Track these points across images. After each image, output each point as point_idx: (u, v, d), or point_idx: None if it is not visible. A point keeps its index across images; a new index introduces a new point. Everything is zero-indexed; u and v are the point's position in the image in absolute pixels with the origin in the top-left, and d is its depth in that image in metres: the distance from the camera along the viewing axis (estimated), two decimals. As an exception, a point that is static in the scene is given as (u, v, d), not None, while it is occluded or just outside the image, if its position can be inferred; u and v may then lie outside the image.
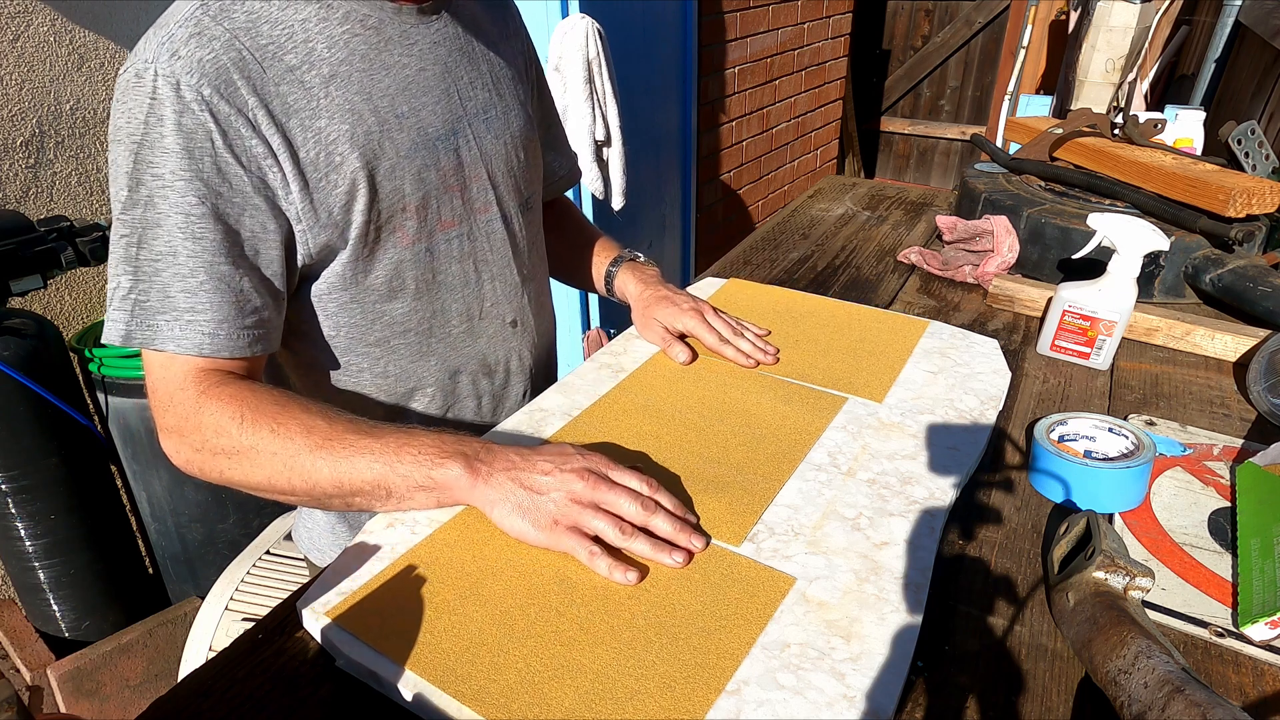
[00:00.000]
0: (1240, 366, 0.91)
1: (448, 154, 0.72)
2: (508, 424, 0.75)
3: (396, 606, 0.54)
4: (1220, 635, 0.55)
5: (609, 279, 0.97)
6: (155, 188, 0.59)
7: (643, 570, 0.57)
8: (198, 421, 0.62)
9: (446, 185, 0.72)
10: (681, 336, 0.88)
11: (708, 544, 0.60)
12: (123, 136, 0.59)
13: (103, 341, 0.63)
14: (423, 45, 0.70)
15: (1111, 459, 0.67)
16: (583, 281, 1.01)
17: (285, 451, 0.61)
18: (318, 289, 0.71)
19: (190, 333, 0.62)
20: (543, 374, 0.91)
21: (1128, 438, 0.70)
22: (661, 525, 0.58)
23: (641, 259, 0.99)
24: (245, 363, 0.66)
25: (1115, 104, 3.08)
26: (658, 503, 0.60)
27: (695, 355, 0.86)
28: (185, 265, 0.61)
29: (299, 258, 0.68)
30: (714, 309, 0.89)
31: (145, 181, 0.59)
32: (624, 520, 0.58)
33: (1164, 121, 1.30)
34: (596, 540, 0.57)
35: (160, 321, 0.61)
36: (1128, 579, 0.54)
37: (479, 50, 0.75)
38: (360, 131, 0.65)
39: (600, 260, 0.98)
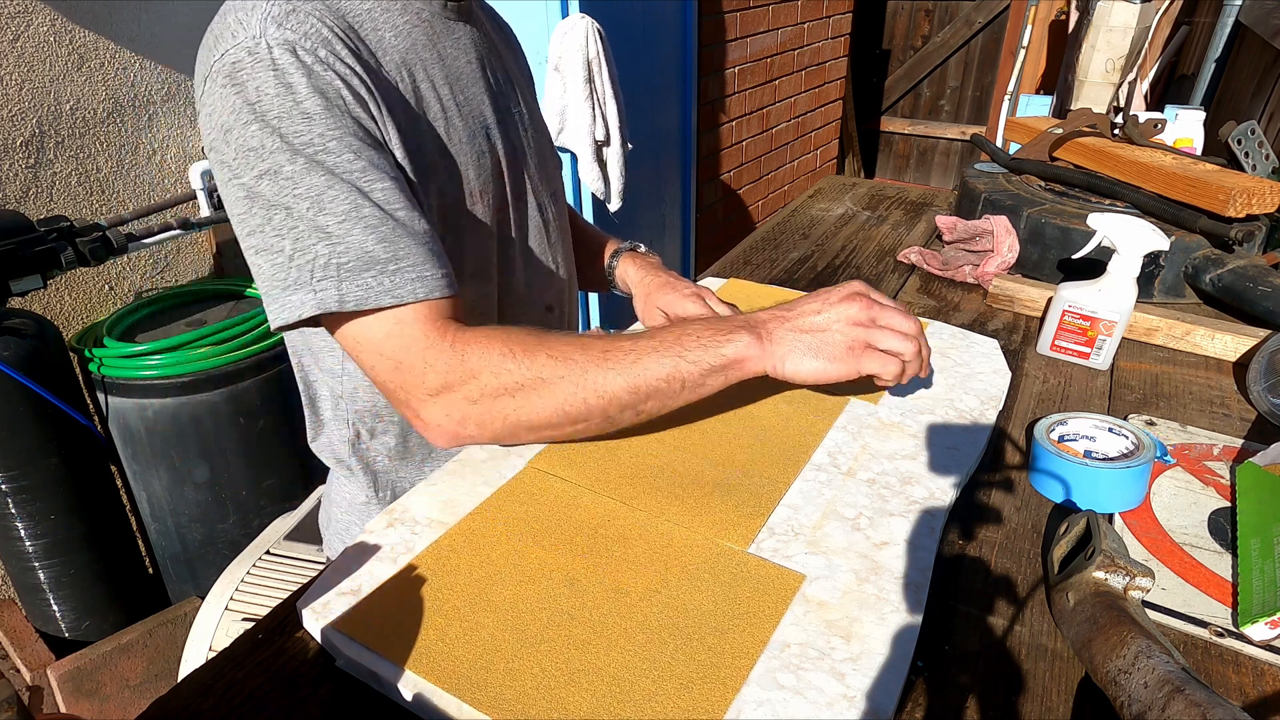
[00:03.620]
0: (1240, 366, 0.91)
1: (494, 142, 0.75)
2: (508, 424, 0.75)
3: (401, 612, 0.54)
4: (1220, 635, 0.55)
5: (610, 271, 0.98)
6: (311, 154, 0.58)
7: None
8: (468, 368, 0.61)
9: (496, 172, 0.75)
10: None
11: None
12: (256, 115, 0.58)
13: (310, 315, 0.59)
14: (465, 42, 0.73)
15: (1112, 459, 0.67)
16: (585, 278, 1.02)
17: (572, 373, 0.61)
18: None
19: (401, 280, 0.60)
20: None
21: (1128, 438, 0.70)
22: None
23: (642, 249, 1.00)
24: (452, 303, 0.64)
25: (1115, 104, 3.08)
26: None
27: None
28: (370, 217, 0.60)
29: None
30: (715, 295, 0.89)
31: (299, 149, 0.58)
32: (903, 332, 0.64)
33: (1164, 121, 1.30)
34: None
35: (368, 279, 0.59)
36: (1128, 579, 0.54)
37: (498, 58, 0.80)
38: (431, 116, 0.68)
39: (601, 253, 0.99)
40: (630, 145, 2.08)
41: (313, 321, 0.63)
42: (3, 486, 1.45)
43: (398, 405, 0.65)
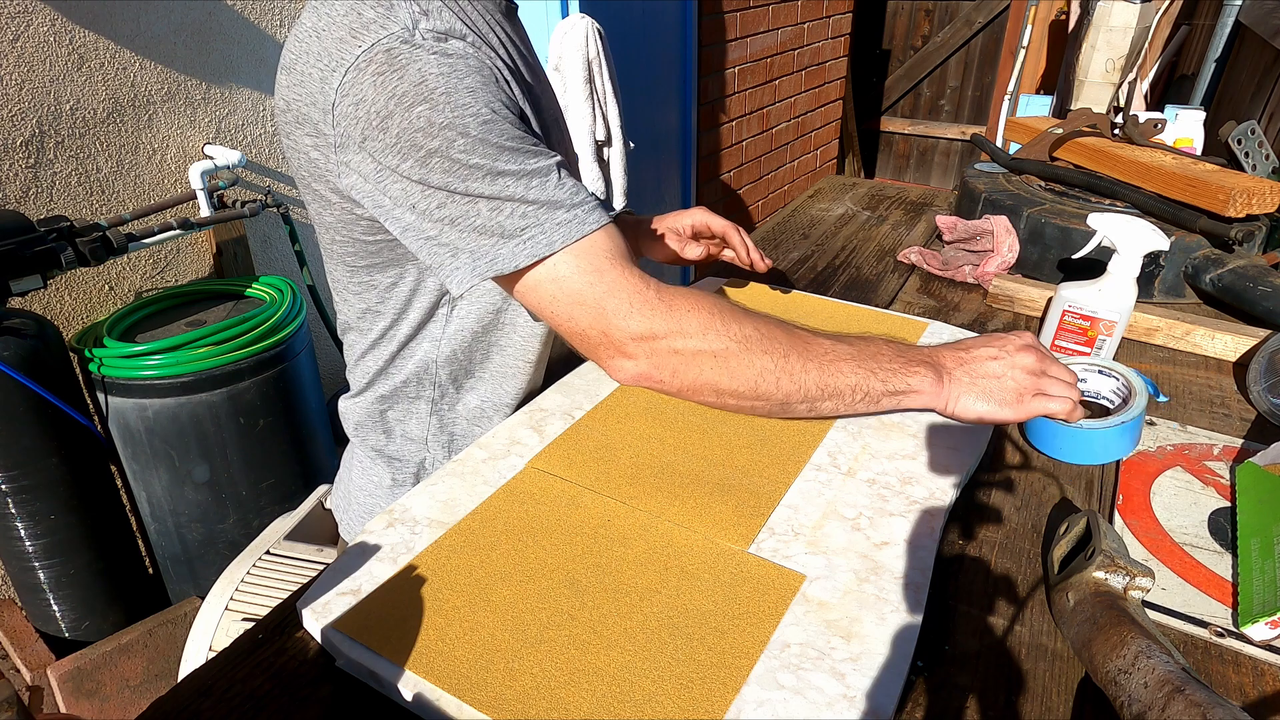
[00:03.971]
0: (1240, 366, 0.91)
1: (565, 129, 0.80)
2: (508, 423, 0.75)
3: (401, 612, 0.54)
4: (1220, 635, 0.55)
5: None
6: (479, 125, 0.61)
7: None
8: (677, 320, 0.64)
9: (573, 158, 0.81)
10: (695, 239, 0.93)
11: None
12: (419, 98, 0.59)
13: (527, 263, 0.63)
14: (527, 40, 0.78)
15: (1108, 409, 0.69)
16: None
17: (776, 352, 0.64)
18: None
19: (589, 210, 0.64)
20: (564, 359, 0.95)
21: (1118, 379, 0.71)
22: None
23: (633, 213, 1.01)
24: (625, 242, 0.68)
25: (1115, 104, 3.08)
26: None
27: (709, 254, 0.90)
28: (540, 169, 0.63)
29: None
30: (710, 211, 0.94)
31: (469, 123, 0.60)
32: (1068, 383, 0.69)
33: (1164, 121, 1.30)
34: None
35: (561, 215, 0.63)
36: (1128, 579, 0.54)
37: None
38: (537, 112, 0.71)
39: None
40: (632, 145, 2.08)
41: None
42: (3, 486, 1.45)
43: (592, 349, 0.67)
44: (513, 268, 0.63)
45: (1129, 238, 0.86)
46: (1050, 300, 0.92)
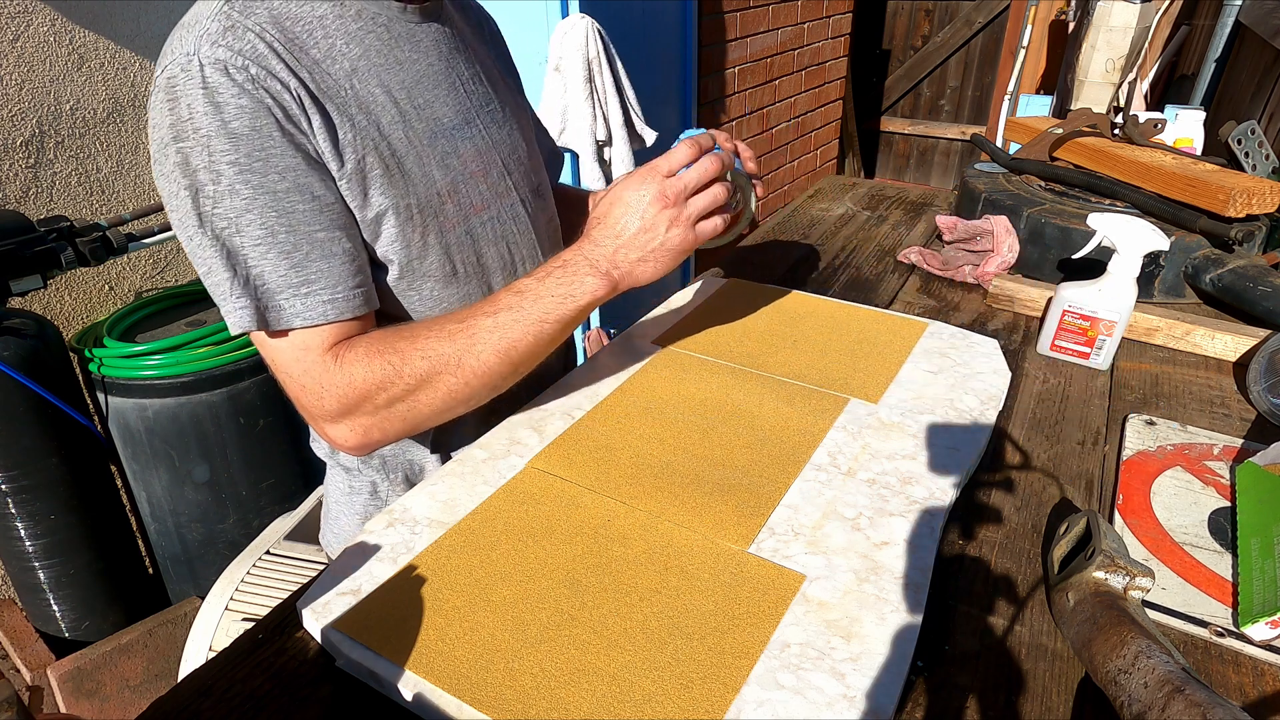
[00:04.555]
0: (1240, 366, 0.91)
1: (464, 142, 0.75)
2: (507, 424, 0.75)
3: (401, 612, 0.54)
4: (1220, 635, 0.55)
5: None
6: (234, 175, 0.59)
7: None
8: (361, 387, 0.64)
9: (469, 171, 0.75)
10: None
11: None
12: (186, 134, 0.59)
13: (233, 333, 0.63)
14: (426, 43, 0.72)
15: None
16: (579, 230, 1.02)
17: (449, 364, 0.66)
18: (381, 277, 0.73)
19: (312, 303, 0.63)
20: (562, 359, 0.95)
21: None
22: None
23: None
24: (361, 323, 0.68)
25: (1115, 104, 3.08)
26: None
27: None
28: (287, 241, 0.62)
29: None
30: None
31: (223, 171, 0.59)
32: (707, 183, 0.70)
33: (1164, 121, 1.29)
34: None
35: (282, 301, 0.63)
36: (1128, 579, 0.54)
37: (470, 51, 0.78)
38: (384, 121, 0.68)
39: (585, 199, 0.99)
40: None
41: None
42: (3, 486, 1.45)
43: (308, 420, 0.69)
44: (235, 331, 0.63)
45: (1129, 238, 0.86)
46: (1050, 300, 0.92)
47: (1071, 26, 3.43)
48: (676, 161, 0.70)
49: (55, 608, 1.60)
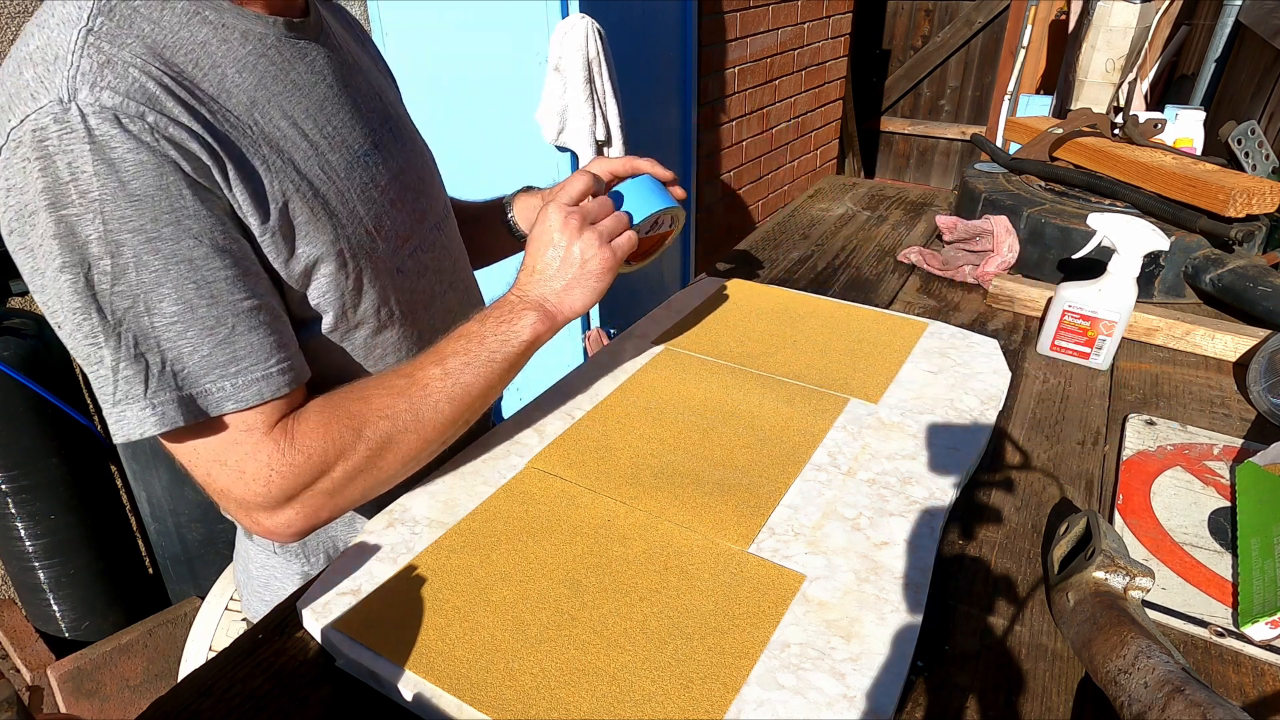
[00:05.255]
0: (1240, 366, 0.91)
1: (377, 168, 0.67)
2: (506, 424, 0.75)
3: (401, 612, 0.54)
4: (1220, 635, 0.55)
5: (509, 219, 0.91)
6: (139, 244, 0.50)
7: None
8: (319, 461, 0.57)
9: (389, 200, 0.68)
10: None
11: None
12: (68, 199, 0.48)
13: (139, 436, 0.52)
14: (320, 63, 0.64)
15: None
16: (494, 247, 0.95)
17: (408, 424, 0.62)
18: (312, 330, 0.65)
19: (243, 381, 0.54)
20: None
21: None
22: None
23: (537, 187, 0.95)
24: (293, 397, 0.59)
25: (1115, 104, 3.08)
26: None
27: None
28: (209, 315, 0.53)
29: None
30: (602, 161, 0.83)
31: (125, 241, 0.49)
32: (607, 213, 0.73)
33: (1164, 121, 1.29)
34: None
35: (209, 385, 0.53)
36: (1128, 579, 0.54)
37: (359, 70, 0.70)
38: (299, 158, 0.59)
39: (496, 212, 0.92)
40: (628, 147, 2.07)
41: None
42: (3, 486, 1.45)
43: (238, 512, 0.59)
44: (140, 435, 0.53)
45: (1129, 238, 0.86)
46: (1050, 300, 0.92)
47: (1071, 26, 3.43)
48: (576, 191, 0.71)
49: (55, 608, 1.60)
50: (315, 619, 0.54)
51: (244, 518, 0.59)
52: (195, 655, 1.43)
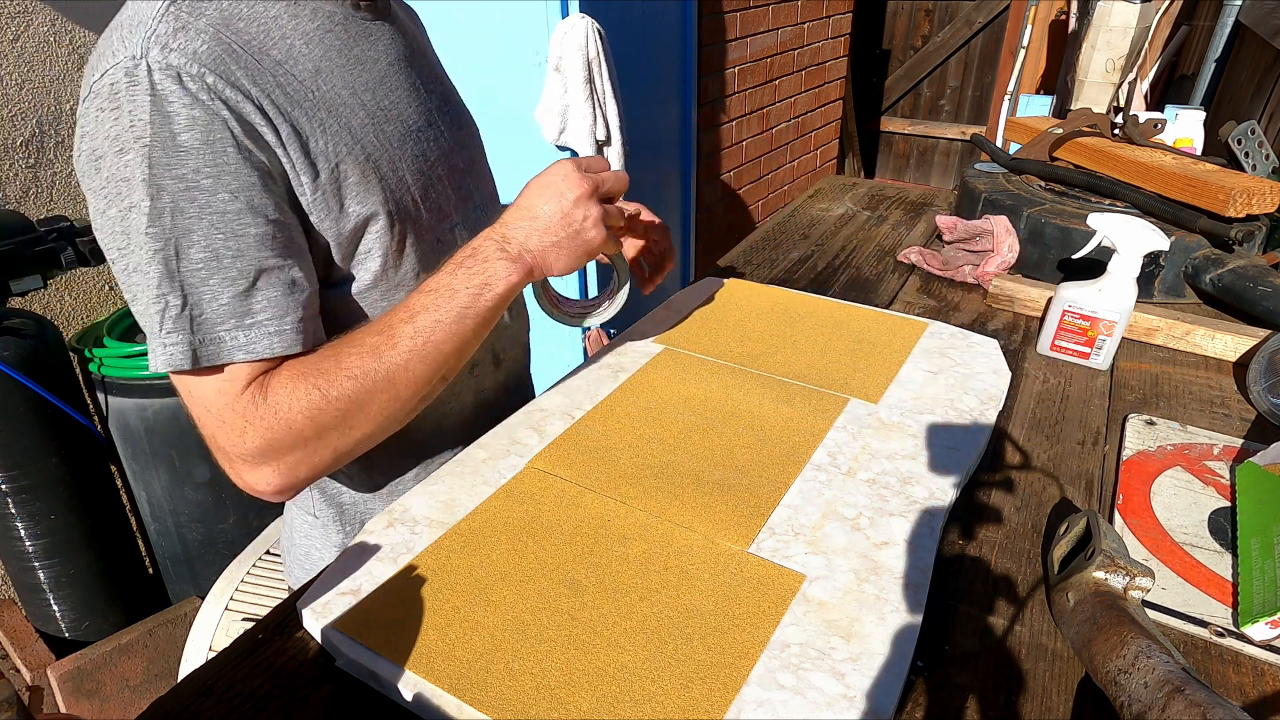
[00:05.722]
0: (1240, 366, 0.91)
1: (429, 144, 0.71)
2: (507, 424, 0.75)
3: (401, 612, 0.54)
4: (1220, 635, 0.55)
5: None
6: (179, 191, 0.54)
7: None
8: (287, 421, 0.58)
9: (437, 175, 0.72)
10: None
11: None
12: (128, 143, 0.53)
13: (160, 369, 0.57)
14: (384, 42, 0.69)
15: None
16: None
17: (379, 382, 0.61)
18: (356, 288, 0.68)
19: (256, 335, 0.58)
20: (527, 362, 0.93)
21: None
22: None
23: None
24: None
25: (1115, 104, 3.08)
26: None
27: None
28: (232, 267, 0.56)
29: (320, 252, 0.66)
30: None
31: (166, 187, 0.54)
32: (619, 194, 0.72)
33: (1164, 121, 1.29)
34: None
35: (222, 332, 0.57)
36: (1128, 579, 0.54)
37: (421, 54, 0.75)
38: (355, 124, 0.64)
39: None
40: (627, 147, 2.07)
41: None
42: (3, 486, 1.45)
43: (224, 462, 0.61)
44: (159, 368, 0.57)
45: (1129, 238, 0.86)
46: (1050, 300, 0.92)
47: (1072, 26, 3.43)
48: (598, 164, 0.70)
49: (55, 608, 1.60)
50: (315, 619, 0.54)
51: (229, 469, 0.61)
52: (195, 655, 1.43)
